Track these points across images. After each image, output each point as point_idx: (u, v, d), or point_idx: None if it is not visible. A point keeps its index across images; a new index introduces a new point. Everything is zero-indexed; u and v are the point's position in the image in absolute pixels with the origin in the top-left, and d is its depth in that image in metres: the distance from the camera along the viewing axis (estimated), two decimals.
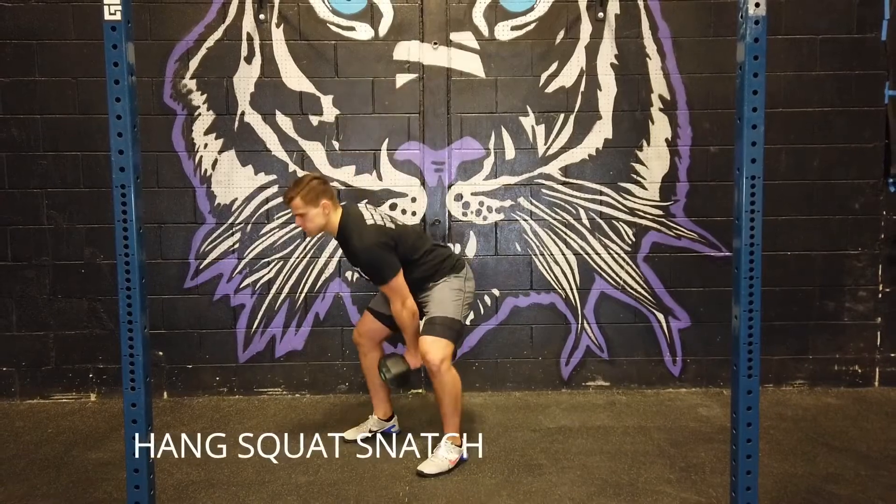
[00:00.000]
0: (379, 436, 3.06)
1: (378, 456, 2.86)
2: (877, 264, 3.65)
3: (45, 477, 2.69)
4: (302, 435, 3.09)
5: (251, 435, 3.10)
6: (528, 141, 3.61)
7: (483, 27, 3.56)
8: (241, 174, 3.59)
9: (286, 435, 3.10)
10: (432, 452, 2.75)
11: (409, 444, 2.98)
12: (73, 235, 3.59)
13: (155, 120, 3.54)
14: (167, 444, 2.95)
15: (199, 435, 3.09)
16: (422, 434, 3.07)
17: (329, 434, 3.10)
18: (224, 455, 2.87)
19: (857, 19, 3.55)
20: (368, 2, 3.54)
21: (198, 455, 2.87)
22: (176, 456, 2.86)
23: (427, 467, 2.68)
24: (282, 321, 3.65)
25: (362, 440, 3.03)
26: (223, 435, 3.10)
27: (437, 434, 2.92)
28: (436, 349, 2.68)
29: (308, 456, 2.86)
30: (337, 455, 2.86)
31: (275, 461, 2.82)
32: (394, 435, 3.09)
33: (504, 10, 3.55)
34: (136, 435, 1.89)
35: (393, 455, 2.87)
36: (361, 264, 2.76)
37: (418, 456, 2.84)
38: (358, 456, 2.86)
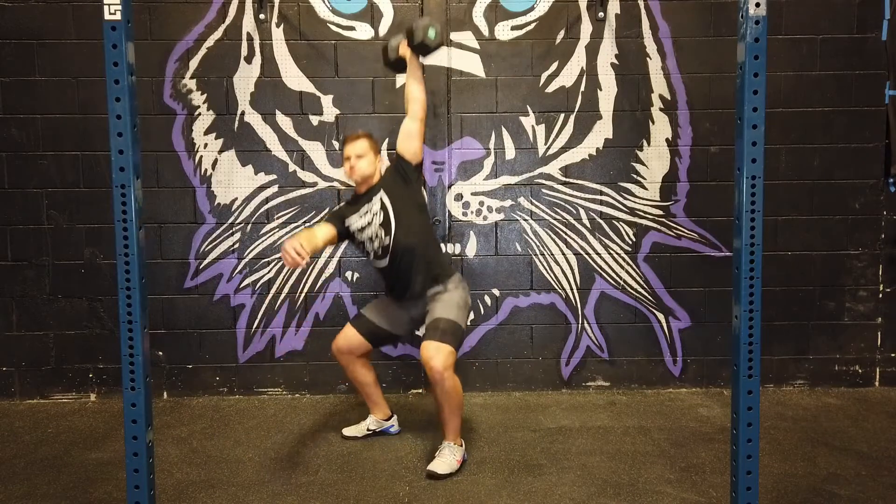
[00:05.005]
0: (379, 436, 3.06)
1: (378, 456, 2.86)
2: (877, 264, 3.65)
3: (45, 477, 2.69)
4: (302, 435, 3.10)
5: (251, 435, 3.10)
6: (528, 141, 3.61)
7: (483, 27, 3.56)
8: (241, 174, 3.59)
9: (286, 435, 3.11)
10: (438, 452, 2.73)
11: (410, 443, 2.99)
12: (73, 235, 3.59)
13: (155, 120, 3.54)
14: (167, 444, 2.97)
15: (198, 435, 3.10)
16: (422, 434, 3.08)
17: (329, 434, 3.10)
18: (224, 455, 2.88)
19: (857, 19, 3.55)
20: (368, 1, 3.54)
21: (198, 455, 2.88)
22: (176, 456, 2.87)
23: (439, 467, 2.65)
24: (282, 321, 3.65)
25: (361, 438, 3.03)
26: (223, 435, 3.11)
27: (437, 434, 2.92)
28: (440, 357, 2.60)
29: (308, 456, 2.86)
30: (337, 455, 2.87)
31: (275, 461, 2.82)
32: (394, 435, 3.09)
33: (504, 10, 3.55)
34: (136, 435, 1.88)
35: (393, 455, 2.87)
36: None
37: (419, 456, 2.84)
38: (358, 456, 2.86)
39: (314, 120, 3.58)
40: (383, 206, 2.82)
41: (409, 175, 2.87)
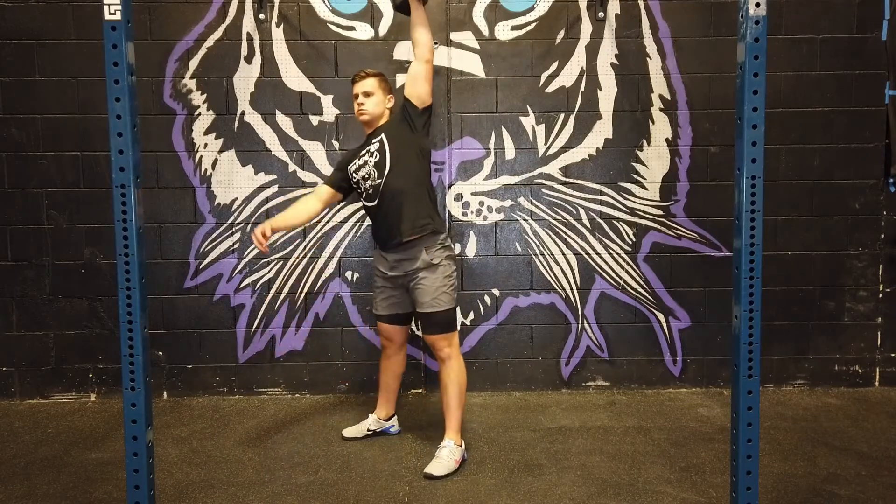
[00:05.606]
0: (379, 436, 3.06)
1: (378, 456, 2.86)
2: (877, 264, 3.65)
3: (45, 477, 2.69)
4: (302, 435, 3.10)
5: (251, 435, 3.10)
6: (528, 141, 3.61)
7: (483, 27, 3.56)
8: (241, 174, 3.59)
9: (286, 435, 3.11)
10: (436, 453, 2.73)
11: (410, 443, 2.99)
12: (73, 235, 3.59)
13: (155, 120, 3.54)
14: (167, 444, 2.97)
15: (198, 435, 3.10)
16: (422, 434, 3.08)
17: (329, 434, 3.10)
18: (224, 455, 2.88)
19: (857, 19, 3.55)
20: (368, 1, 3.54)
21: (198, 455, 2.88)
22: (176, 456, 2.87)
23: (435, 469, 2.66)
24: (282, 321, 3.65)
25: (361, 439, 3.04)
26: (223, 435, 3.11)
27: (437, 434, 2.92)
28: (442, 342, 2.79)
29: (308, 456, 2.86)
30: (337, 455, 2.87)
31: (275, 461, 2.82)
32: (394, 435, 3.09)
33: (504, 10, 3.55)
34: (136, 435, 1.88)
35: (393, 455, 2.87)
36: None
37: (419, 456, 2.84)
38: (358, 456, 2.86)
39: (314, 120, 3.58)
40: (381, 148, 2.82)
41: (415, 120, 2.84)
